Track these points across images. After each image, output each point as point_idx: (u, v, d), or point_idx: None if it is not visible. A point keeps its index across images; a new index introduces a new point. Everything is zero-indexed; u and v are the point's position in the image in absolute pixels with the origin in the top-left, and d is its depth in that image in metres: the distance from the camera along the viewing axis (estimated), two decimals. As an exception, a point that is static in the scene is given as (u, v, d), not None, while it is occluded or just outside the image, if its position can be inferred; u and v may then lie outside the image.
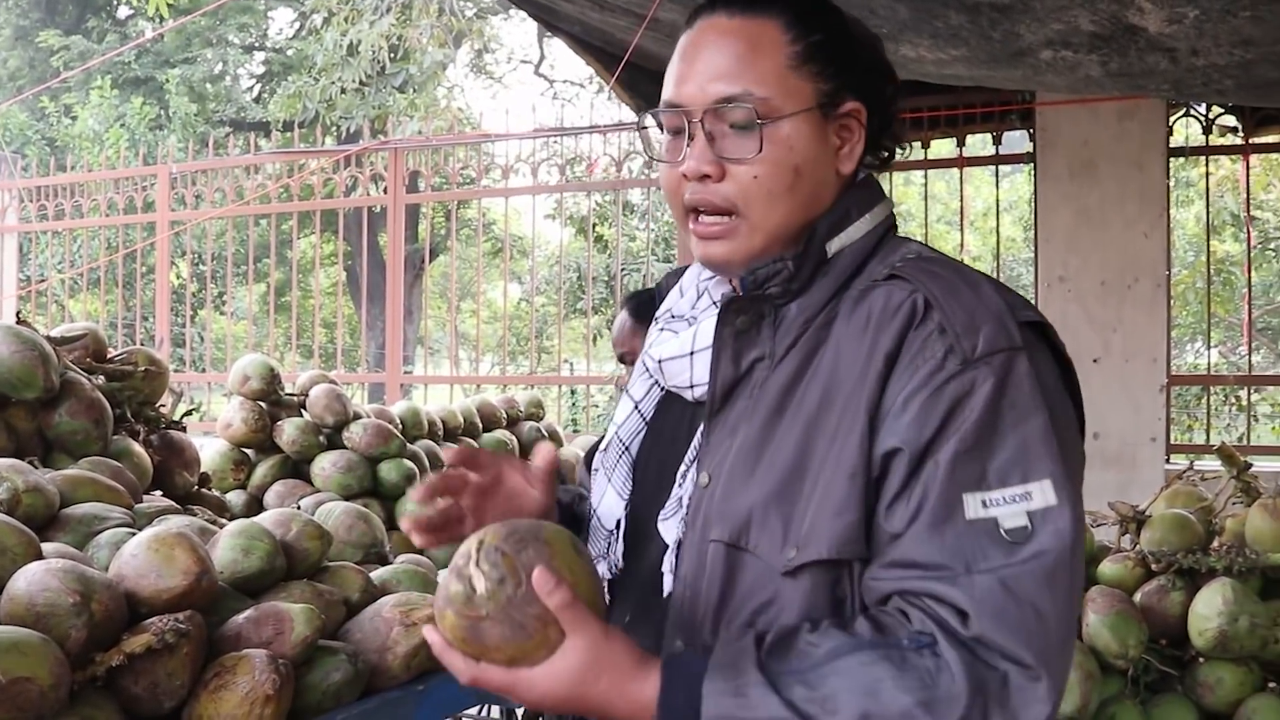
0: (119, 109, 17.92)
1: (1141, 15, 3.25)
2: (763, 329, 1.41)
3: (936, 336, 1.29)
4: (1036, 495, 1.25)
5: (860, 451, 1.29)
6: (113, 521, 2.22)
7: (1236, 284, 12.69)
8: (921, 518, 1.25)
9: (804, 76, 1.40)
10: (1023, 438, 1.26)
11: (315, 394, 4.06)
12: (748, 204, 1.40)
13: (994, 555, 1.23)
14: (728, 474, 1.37)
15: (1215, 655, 2.56)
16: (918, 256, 1.41)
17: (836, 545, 1.28)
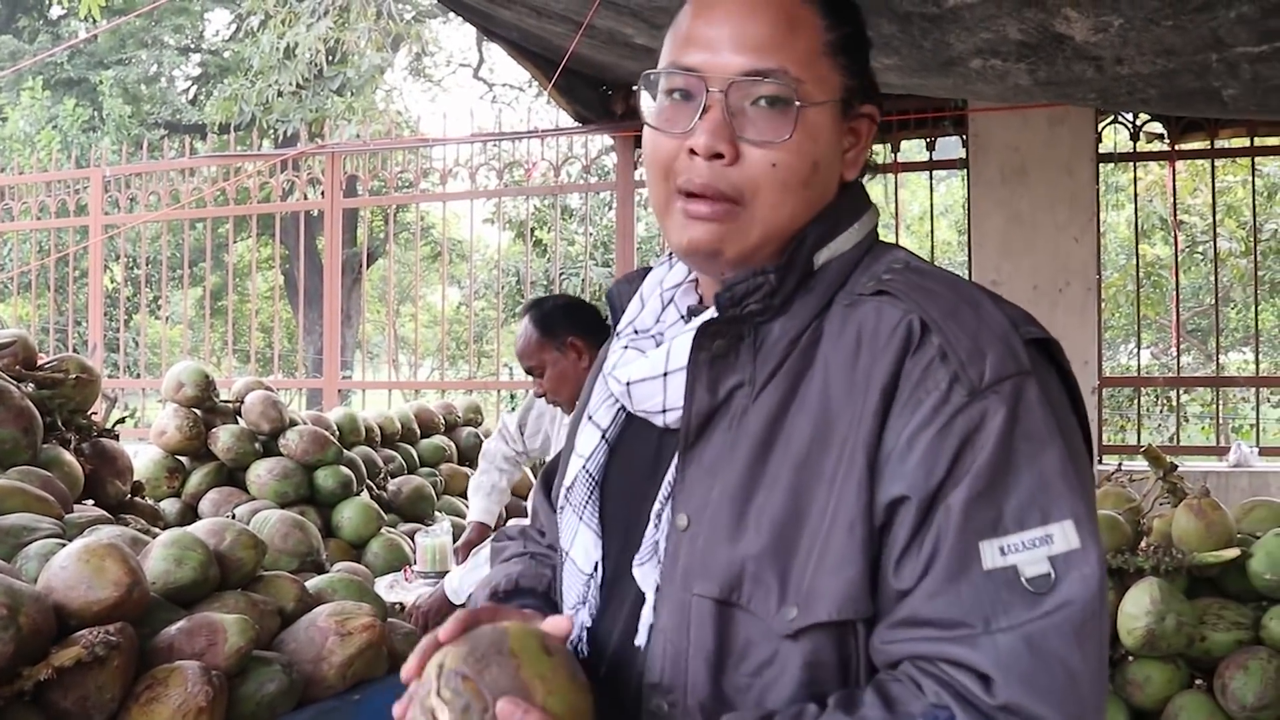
0: (51, 110, 17.65)
1: (1068, 24, 3.31)
2: (741, 352, 1.25)
3: (939, 364, 1.15)
4: (1059, 538, 1.11)
5: (860, 498, 1.14)
6: (42, 532, 2.20)
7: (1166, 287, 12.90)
8: (934, 571, 1.11)
9: (835, 67, 1.26)
10: (1039, 473, 1.12)
11: (251, 400, 4.04)
12: (756, 194, 1.23)
13: (1016, 609, 1.09)
14: (711, 519, 1.21)
15: (1143, 654, 2.59)
16: (905, 267, 1.26)
17: (839, 605, 1.14)
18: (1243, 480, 5.82)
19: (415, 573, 3.83)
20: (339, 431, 4.34)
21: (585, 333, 3.55)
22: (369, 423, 4.76)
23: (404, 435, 5.02)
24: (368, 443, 4.65)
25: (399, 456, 4.83)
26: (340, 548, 3.93)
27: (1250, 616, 2.62)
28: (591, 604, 1.34)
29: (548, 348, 3.56)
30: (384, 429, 4.87)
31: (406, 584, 3.76)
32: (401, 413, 5.12)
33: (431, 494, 4.68)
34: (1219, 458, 6.52)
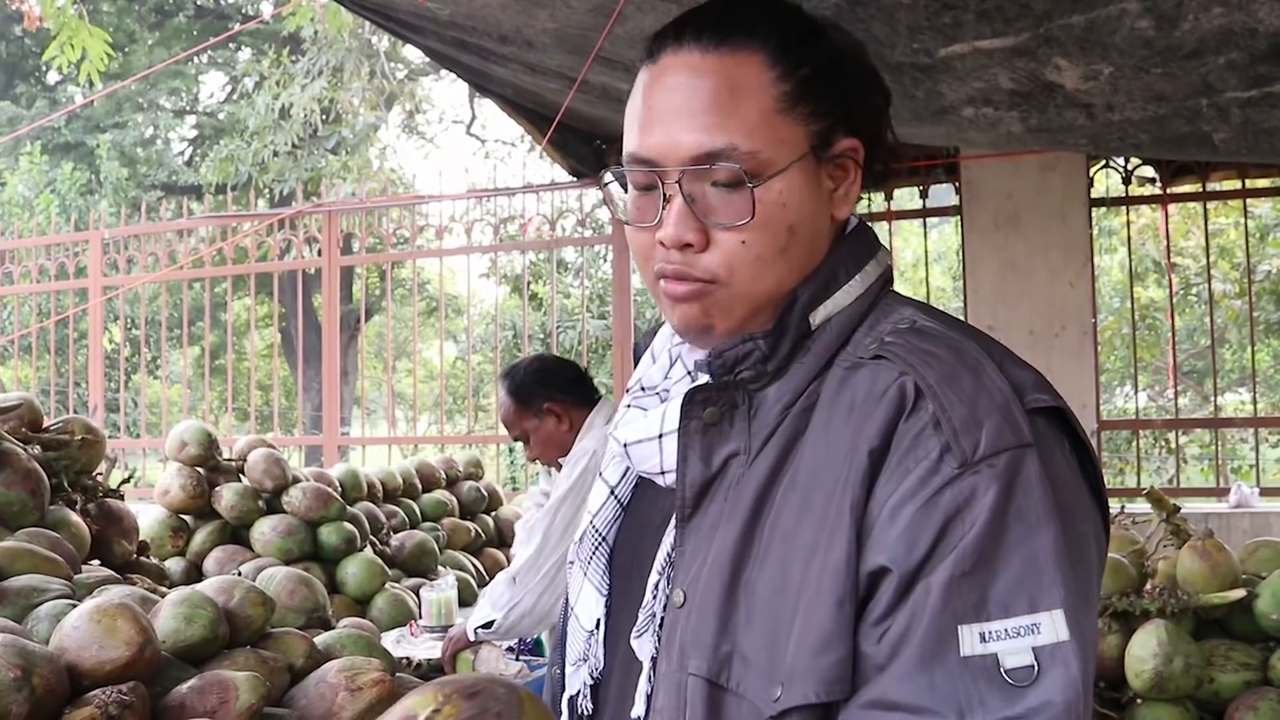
0: (49, 174, 17.77)
1: (1058, 73, 3.35)
2: (735, 420, 1.20)
3: (930, 432, 1.08)
4: (1046, 628, 1.02)
5: (849, 572, 1.07)
6: (52, 593, 2.21)
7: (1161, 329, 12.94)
8: (907, 652, 1.03)
9: (795, 119, 1.18)
10: (1031, 556, 1.04)
11: (253, 459, 4.05)
12: (731, 273, 1.18)
13: (991, 701, 1.00)
14: (702, 595, 1.15)
15: (1152, 696, 2.58)
16: (910, 327, 1.18)
17: (823, 687, 1.06)
18: (1244, 521, 5.82)
19: (421, 627, 3.83)
20: (341, 488, 4.34)
21: (562, 395, 3.61)
22: (370, 479, 4.76)
23: (405, 490, 5.03)
24: (370, 498, 4.65)
25: (401, 512, 4.83)
26: (345, 604, 3.93)
27: (1258, 657, 2.62)
28: (593, 662, 1.31)
29: (527, 416, 3.62)
30: (385, 485, 4.87)
31: (413, 639, 3.76)
32: (403, 468, 5.13)
33: (435, 548, 4.68)
34: (1219, 499, 6.52)
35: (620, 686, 1.28)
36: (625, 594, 1.30)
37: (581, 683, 1.32)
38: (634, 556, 1.30)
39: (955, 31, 3.20)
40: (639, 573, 1.27)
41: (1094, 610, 1.10)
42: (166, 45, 19.86)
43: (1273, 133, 3.56)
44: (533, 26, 3.98)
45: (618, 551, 1.34)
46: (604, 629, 1.31)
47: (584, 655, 1.32)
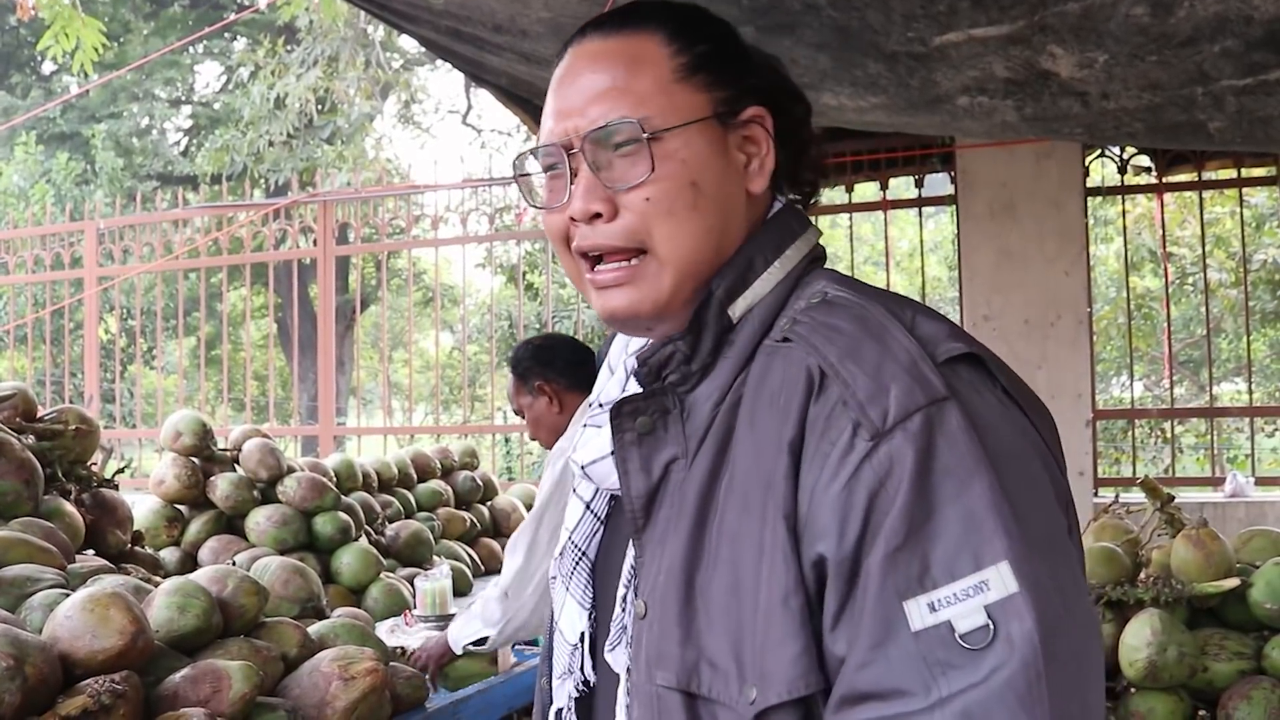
0: (44, 165, 17.73)
1: (1053, 61, 3.35)
2: (669, 425, 1.19)
3: (840, 411, 1.05)
4: (994, 583, 0.98)
5: (789, 568, 1.05)
6: (46, 583, 2.21)
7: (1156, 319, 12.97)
8: (860, 638, 1.01)
9: (694, 87, 1.21)
10: (968, 511, 1.00)
11: (248, 448, 4.05)
12: (650, 233, 1.18)
13: (955, 673, 0.97)
14: (661, 604, 1.14)
15: (1146, 685, 2.59)
16: (821, 300, 1.17)
17: (789, 683, 1.04)
18: (1239, 510, 5.84)
19: (415, 617, 3.83)
20: (336, 478, 4.34)
21: (557, 375, 3.59)
22: (366, 469, 4.76)
23: (401, 480, 5.02)
24: (365, 488, 4.65)
25: (396, 502, 4.83)
26: (340, 593, 3.93)
27: (1252, 646, 2.63)
28: (579, 676, 1.30)
29: (522, 392, 3.63)
30: (381, 475, 4.87)
31: (407, 628, 3.76)
32: (398, 458, 5.13)
33: (429, 538, 4.68)
34: (1214, 488, 6.54)
35: (608, 699, 1.26)
36: (608, 607, 1.28)
37: (567, 696, 1.31)
38: (611, 573, 1.28)
39: (950, 20, 3.20)
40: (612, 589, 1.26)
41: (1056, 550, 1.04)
42: (161, 35, 19.80)
43: (1268, 121, 3.56)
44: (527, 16, 3.97)
45: (599, 565, 1.32)
46: (588, 642, 1.30)
47: (569, 669, 1.31)
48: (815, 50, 3.57)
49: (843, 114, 4.28)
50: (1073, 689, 0.98)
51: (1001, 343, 6.17)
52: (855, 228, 7.51)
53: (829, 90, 3.93)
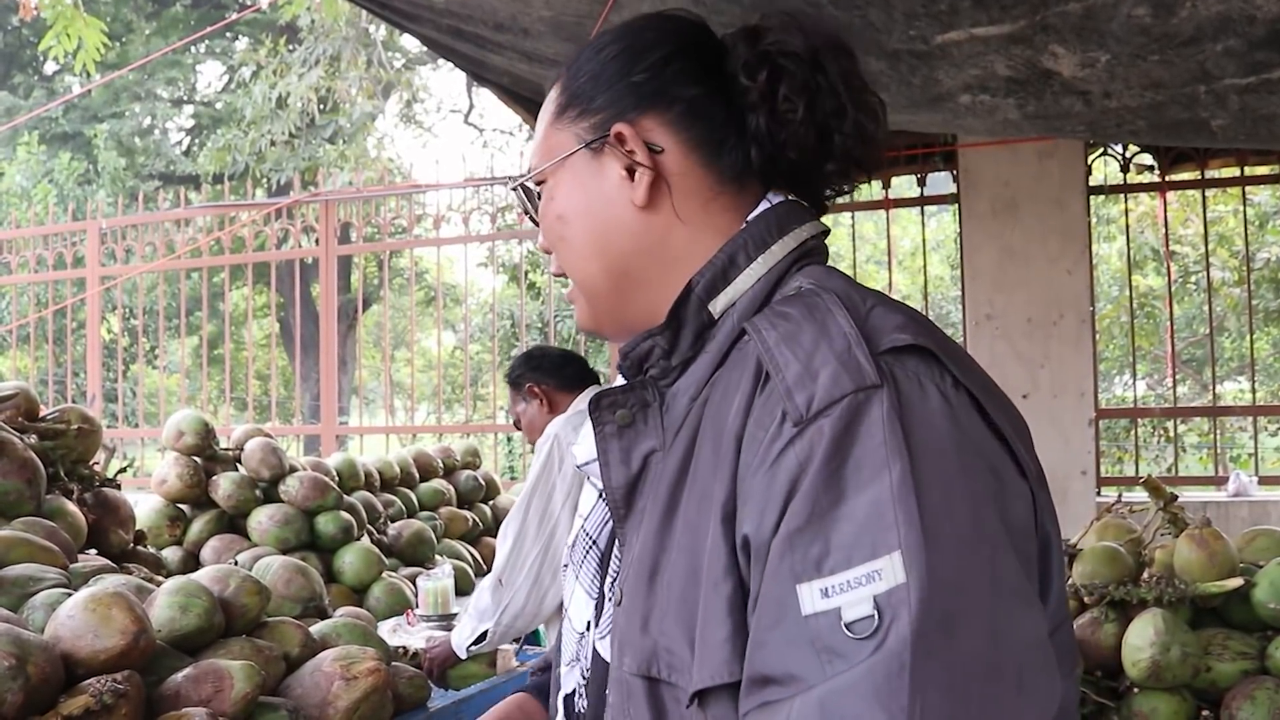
0: (47, 164, 17.75)
1: (1055, 60, 3.34)
2: (649, 418, 1.21)
3: (776, 399, 1.05)
4: (886, 573, 0.95)
5: (720, 554, 1.06)
6: (48, 582, 2.20)
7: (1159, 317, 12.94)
8: (760, 620, 1.01)
9: (563, 125, 1.29)
10: (875, 499, 0.98)
11: (250, 448, 4.05)
12: (563, 266, 1.31)
13: (839, 661, 0.95)
14: (630, 593, 1.16)
15: (1149, 685, 2.57)
16: (795, 293, 1.17)
17: (714, 669, 1.04)
18: (1243, 510, 5.83)
19: (418, 616, 3.83)
20: (338, 477, 4.34)
21: (545, 378, 3.68)
22: (368, 468, 4.76)
23: (403, 480, 5.03)
24: (367, 488, 4.65)
25: (398, 501, 4.83)
26: (342, 593, 3.93)
27: (1255, 646, 2.61)
28: (585, 663, 1.31)
29: (517, 399, 3.74)
30: (383, 474, 4.87)
31: (409, 628, 3.76)
32: (400, 457, 5.13)
33: (432, 538, 4.68)
34: (1218, 488, 6.53)
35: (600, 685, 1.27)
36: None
37: (575, 682, 1.33)
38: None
39: (951, 18, 3.20)
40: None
41: (973, 545, 1.00)
42: (163, 35, 19.82)
43: (1271, 119, 3.55)
44: (528, 14, 3.97)
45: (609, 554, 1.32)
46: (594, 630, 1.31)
47: (576, 656, 1.33)
48: (817, 49, 3.56)
49: (845, 112, 4.27)
50: (948, 686, 0.94)
51: (1004, 342, 6.17)
52: (857, 226, 7.51)
53: (831, 89, 3.93)
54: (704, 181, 1.25)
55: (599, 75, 1.28)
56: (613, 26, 1.35)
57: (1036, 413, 6.09)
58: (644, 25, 1.32)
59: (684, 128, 1.25)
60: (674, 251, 1.25)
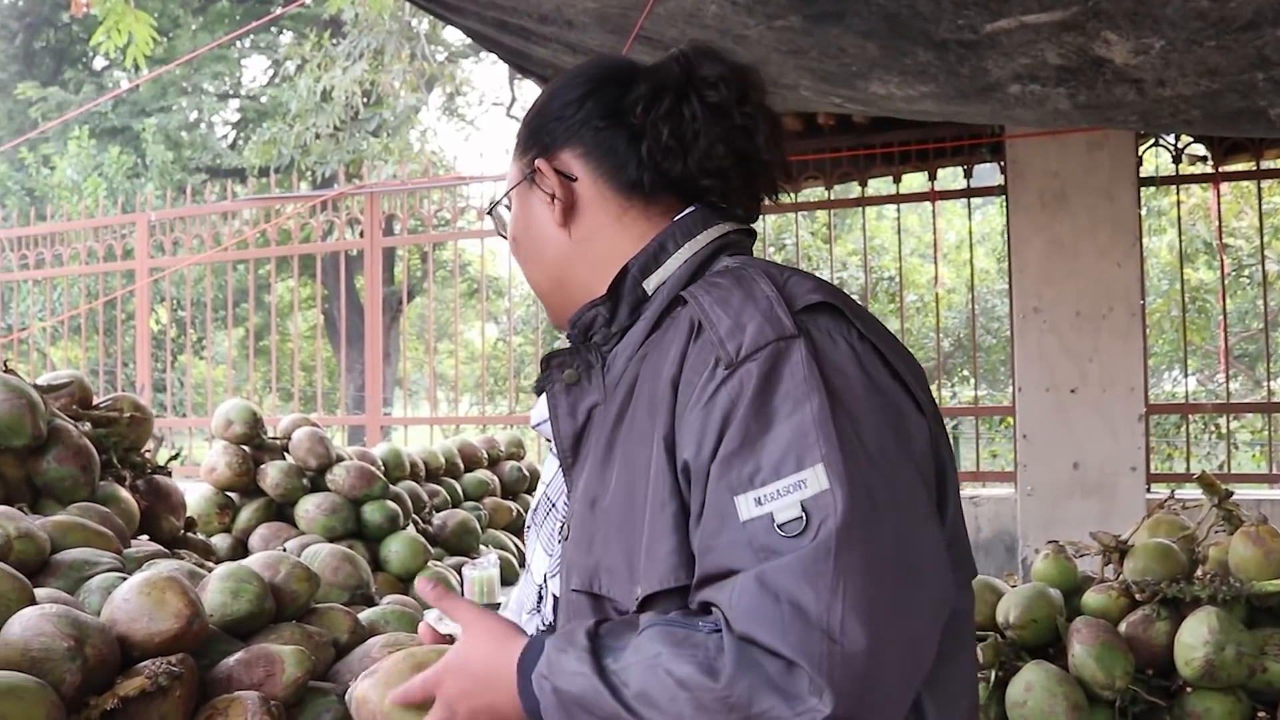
0: (97, 158, 17.94)
1: (1108, 47, 3.30)
2: (593, 377, 1.45)
3: (707, 348, 1.29)
4: (811, 482, 1.18)
5: (666, 480, 1.29)
6: (103, 566, 2.23)
7: (1211, 312, 12.78)
8: (703, 530, 1.23)
9: (515, 160, 1.58)
10: (797, 425, 1.21)
11: (298, 437, 4.07)
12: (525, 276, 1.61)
13: (773, 555, 1.18)
14: (576, 523, 1.40)
15: (1203, 685, 2.54)
16: (722, 269, 1.41)
17: (661, 577, 1.27)
18: (1296, 506, 5.74)
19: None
20: (384, 467, 4.35)
21: None
22: (413, 458, 4.78)
23: (448, 470, 5.04)
24: (412, 477, 4.67)
25: (443, 491, 4.84)
26: (388, 581, 3.94)
27: (1314, 646, 2.58)
28: (545, 614, 1.52)
29: None
30: (428, 464, 4.89)
31: (455, 617, 3.76)
32: (445, 448, 5.14)
33: (476, 527, 4.69)
34: (1271, 485, 6.45)
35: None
36: None
37: (535, 629, 1.53)
38: None
39: (1001, 6, 3.16)
40: None
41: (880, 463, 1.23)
42: (210, 30, 19.99)
43: (1330, 108, 3.50)
44: (573, 6, 3.97)
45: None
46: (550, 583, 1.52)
47: (537, 606, 1.55)
48: (863, 38, 3.54)
49: (891, 103, 4.25)
50: (867, 572, 1.16)
51: (1052, 335, 6.11)
52: (902, 219, 7.45)
53: (877, 79, 3.91)
54: (614, 200, 1.51)
55: (533, 119, 1.56)
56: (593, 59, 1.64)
57: (1085, 407, 6.03)
58: (576, 71, 1.58)
59: (592, 159, 1.51)
60: (597, 257, 1.50)
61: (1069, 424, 6.06)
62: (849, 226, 15.25)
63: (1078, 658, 2.57)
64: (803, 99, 4.67)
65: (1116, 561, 2.90)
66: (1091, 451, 6.01)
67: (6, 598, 1.92)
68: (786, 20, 3.52)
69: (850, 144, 6.66)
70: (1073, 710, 2.50)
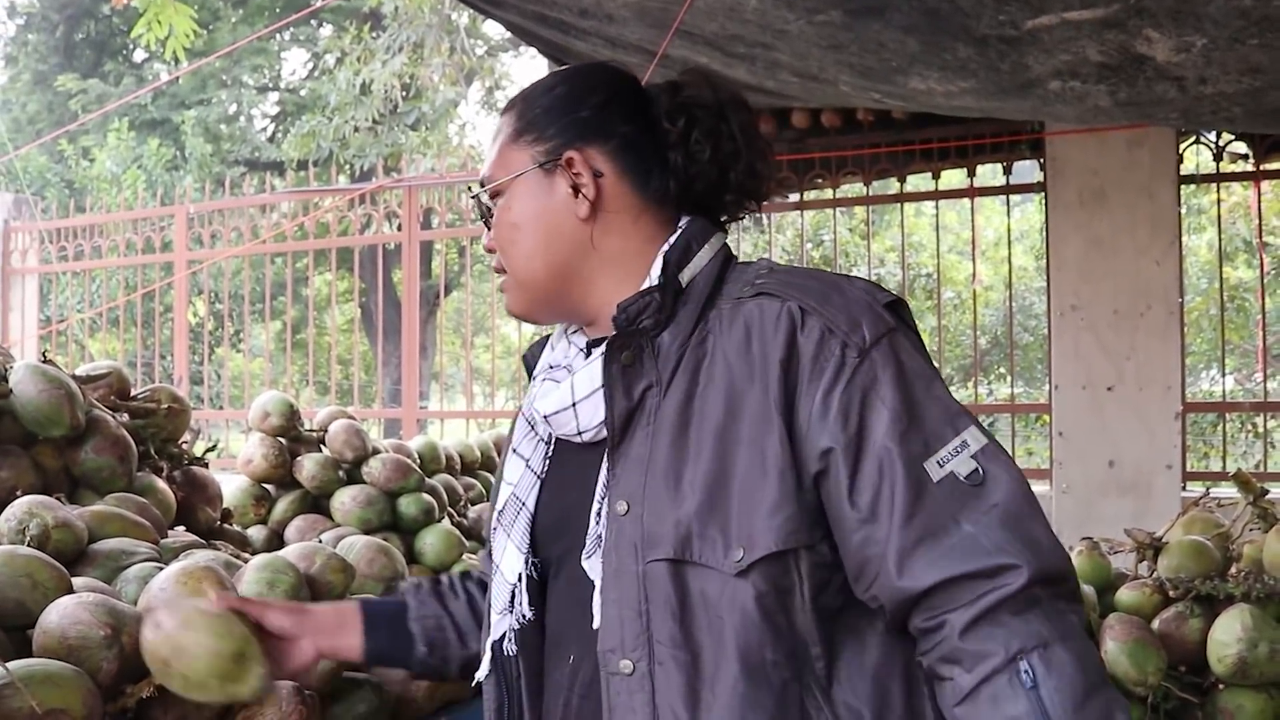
0: (136, 151, 18.09)
1: (1149, 45, 3.28)
2: (644, 360, 1.51)
3: (829, 337, 1.43)
4: (971, 441, 1.41)
5: (785, 452, 1.41)
6: (140, 556, 2.25)
7: (1250, 310, 12.66)
8: (898, 501, 1.38)
9: (520, 147, 1.61)
10: (938, 399, 1.43)
11: (334, 430, 4.08)
12: (505, 264, 1.64)
13: (969, 503, 1.38)
14: (651, 496, 1.46)
15: (1235, 682, 2.54)
16: (770, 271, 1.54)
17: (782, 538, 1.40)
18: (1335, 507, 5.68)
19: (497, 599, 3.85)
20: (420, 460, 4.37)
21: None
22: (449, 451, 4.79)
23: (483, 464, 5.05)
24: (448, 471, 4.68)
25: (478, 484, 4.85)
26: (422, 573, 3.95)
27: (1347, 644, 2.56)
28: (519, 611, 1.59)
29: None
30: (464, 457, 4.90)
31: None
32: (480, 441, 5.15)
33: (511, 522, 4.70)
34: (1308, 483, 6.37)
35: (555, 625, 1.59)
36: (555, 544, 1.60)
37: (508, 627, 1.60)
38: (561, 513, 1.59)
39: (1043, 3, 3.15)
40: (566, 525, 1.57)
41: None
42: (249, 22, 20.09)
43: (1374, 106, 3.46)
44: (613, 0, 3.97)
45: (540, 514, 1.62)
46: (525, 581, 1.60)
47: (508, 606, 1.60)
48: (904, 34, 3.53)
49: (931, 99, 4.23)
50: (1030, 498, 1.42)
51: (1090, 333, 6.07)
52: (940, 216, 7.42)
53: (917, 74, 3.89)
54: (633, 201, 1.60)
55: (551, 109, 1.62)
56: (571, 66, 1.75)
57: (1122, 405, 5.99)
58: (587, 71, 1.69)
59: (619, 158, 1.60)
60: (607, 255, 1.59)
61: (1105, 422, 6.02)
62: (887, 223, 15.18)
63: (1111, 654, 2.56)
64: (842, 94, 4.65)
65: (1150, 559, 2.89)
66: (1127, 449, 5.98)
67: (45, 586, 1.94)
68: (827, 15, 3.51)
69: (889, 140, 6.63)
70: (1106, 708, 2.48)
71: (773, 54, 4.14)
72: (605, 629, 1.47)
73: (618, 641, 1.46)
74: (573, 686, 1.55)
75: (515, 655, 1.60)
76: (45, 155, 18.89)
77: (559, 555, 1.59)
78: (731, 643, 1.40)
